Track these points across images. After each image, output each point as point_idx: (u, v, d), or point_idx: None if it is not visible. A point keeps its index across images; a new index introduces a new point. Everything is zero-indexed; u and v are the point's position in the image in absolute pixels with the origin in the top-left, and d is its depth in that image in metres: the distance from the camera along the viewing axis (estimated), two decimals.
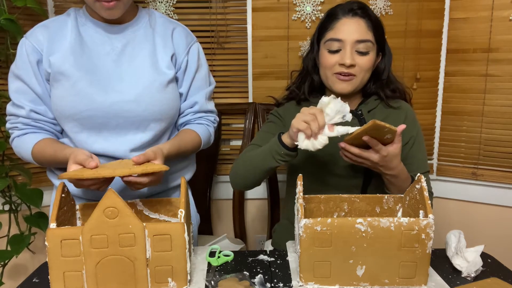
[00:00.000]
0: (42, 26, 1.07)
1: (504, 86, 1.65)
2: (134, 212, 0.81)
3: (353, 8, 1.09)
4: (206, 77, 1.20)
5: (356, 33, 1.08)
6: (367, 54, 1.09)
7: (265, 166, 1.07)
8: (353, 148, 0.96)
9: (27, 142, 1.06)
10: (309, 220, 0.82)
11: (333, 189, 1.11)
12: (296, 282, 0.88)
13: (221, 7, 1.67)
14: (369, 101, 1.18)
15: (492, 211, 1.77)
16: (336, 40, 1.09)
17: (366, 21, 1.09)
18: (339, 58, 1.09)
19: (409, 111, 1.20)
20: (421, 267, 0.84)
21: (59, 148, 1.02)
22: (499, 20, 1.61)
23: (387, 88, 1.18)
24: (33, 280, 0.91)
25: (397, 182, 1.04)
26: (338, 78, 1.10)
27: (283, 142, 1.02)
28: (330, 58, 1.10)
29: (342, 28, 1.09)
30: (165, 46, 1.11)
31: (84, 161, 0.91)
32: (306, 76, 1.23)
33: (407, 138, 1.14)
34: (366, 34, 1.08)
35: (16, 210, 1.53)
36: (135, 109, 1.04)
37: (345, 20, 1.09)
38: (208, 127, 1.21)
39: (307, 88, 1.21)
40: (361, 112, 1.16)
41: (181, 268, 0.83)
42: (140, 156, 0.92)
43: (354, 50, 1.08)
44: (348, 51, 1.08)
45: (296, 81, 1.26)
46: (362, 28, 1.08)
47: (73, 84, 1.02)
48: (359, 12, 1.09)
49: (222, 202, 1.86)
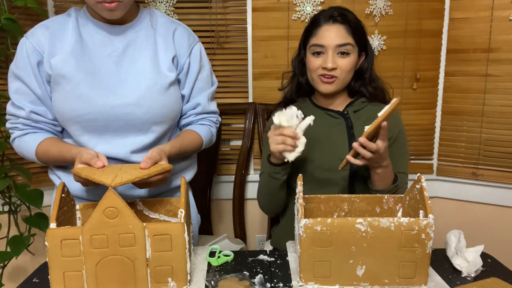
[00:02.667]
0: (42, 26, 1.06)
1: (504, 86, 1.65)
2: (134, 212, 0.81)
3: (333, 15, 1.16)
4: (208, 78, 1.20)
5: (336, 38, 1.15)
6: (348, 55, 1.16)
7: (275, 188, 1.17)
8: (372, 144, 0.99)
9: (30, 141, 1.06)
10: (309, 220, 0.82)
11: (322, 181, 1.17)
12: (296, 282, 0.88)
13: (221, 7, 1.67)
14: (356, 103, 1.24)
15: (492, 211, 1.77)
16: (319, 46, 1.16)
17: (346, 26, 1.16)
18: (322, 62, 1.16)
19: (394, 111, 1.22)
20: (421, 267, 0.84)
21: (65, 147, 1.03)
22: (499, 20, 1.61)
23: (370, 85, 1.24)
24: (33, 280, 0.91)
25: (387, 174, 1.08)
26: (321, 80, 1.18)
27: (274, 163, 1.11)
28: (314, 62, 1.18)
29: (323, 34, 1.16)
30: (167, 48, 1.10)
31: (90, 160, 0.92)
32: (294, 77, 1.30)
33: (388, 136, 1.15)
34: (346, 38, 1.15)
35: (15, 211, 1.53)
36: (136, 112, 1.04)
37: (326, 26, 1.16)
38: (210, 128, 1.21)
39: (294, 89, 1.30)
40: (347, 112, 1.23)
41: (181, 268, 0.83)
42: (147, 161, 0.93)
43: (336, 53, 1.16)
44: (329, 56, 1.15)
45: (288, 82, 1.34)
46: (342, 33, 1.15)
47: (74, 87, 1.01)
48: (339, 19, 1.16)
49: (222, 202, 1.86)
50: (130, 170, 0.91)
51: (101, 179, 0.85)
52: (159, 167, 0.94)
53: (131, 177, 0.87)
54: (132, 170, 0.92)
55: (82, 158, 0.93)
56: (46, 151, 1.04)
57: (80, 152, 0.95)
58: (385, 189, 1.09)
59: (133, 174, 0.88)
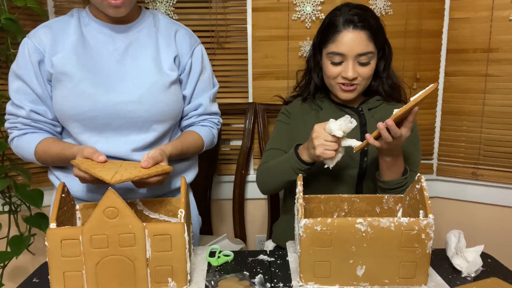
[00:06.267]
0: (45, 27, 1.06)
1: (504, 86, 1.65)
2: (134, 212, 0.81)
3: (353, 20, 1.10)
4: (210, 79, 1.20)
5: (357, 47, 1.09)
6: (369, 64, 1.13)
7: (289, 178, 1.10)
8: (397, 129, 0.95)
9: (28, 141, 1.06)
10: (309, 220, 0.82)
11: (330, 179, 1.16)
12: (296, 282, 0.88)
13: (221, 7, 1.67)
14: (371, 101, 1.22)
15: (492, 211, 1.77)
16: (338, 54, 1.11)
17: (367, 32, 1.10)
18: (342, 70, 1.12)
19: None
20: (421, 267, 0.84)
21: (66, 146, 1.03)
22: (499, 20, 1.61)
23: (386, 84, 1.21)
24: (33, 280, 0.91)
25: (396, 163, 1.05)
26: (341, 88, 1.15)
27: (303, 159, 1.05)
28: (333, 69, 1.14)
29: (343, 41, 1.10)
30: (168, 47, 1.11)
31: (91, 155, 0.92)
32: (311, 77, 1.26)
33: None
34: (367, 46, 1.10)
35: (15, 211, 1.53)
36: (138, 109, 1.04)
37: (346, 32, 1.10)
38: (212, 129, 1.21)
39: (312, 89, 1.25)
40: (361, 109, 1.20)
41: (181, 268, 0.83)
42: (149, 160, 0.93)
43: (356, 61, 1.11)
44: (350, 65, 1.11)
45: (302, 81, 1.30)
46: (363, 41, 1.10)
47: (75, 85, 1.02)
48: (359, 25, 1.09)
49: (222, 202, 1.86)
50: (130, 168, 0.91)
51: (101, 174, 0.85)
52: (160, 168, 0.94)
53: (131, 175, 0.87)
54: (132, 168, 0.92)
55: (84, 153, 0.94)
56: (46, 150, 1.04)
57: (82, 148, 0.96)
58: (393, 180, 1.06)
59: (133, 172, 0.88)
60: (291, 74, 1.68)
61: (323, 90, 1.26)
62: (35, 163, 1.11)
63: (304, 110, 1.25)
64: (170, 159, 1.02)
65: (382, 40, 1.16)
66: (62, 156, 1.02)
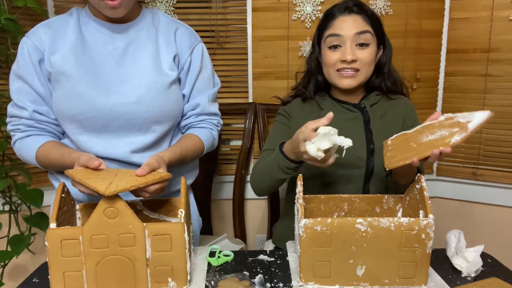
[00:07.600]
0: (44, 25, 1.06)
1: (504, 86, 1.65)
2: (134, 212, 0.81)
3: (348, 6, 1.12)
4: (209, 79, 1.18)
5: (354, 27, 1.10)
6: (368, 46, 1.11)
7: (278, 177, 1.07)
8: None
9: (30, 145, 1.04)
10: (309, 220, 0.82)
11: (336, 179, 1.14)
12: (296, 282, 0.88)
13: (221, 7, 1.67)
14: (371, 96, 1.21)
15: (492, 211, 1.77)
16: (335, 35, 1.11)
17: (363, 16, 1.12)
18: (340, 55, 1.11)
19: (409, 104, 1.23)
20: (421, 267, 0.84)
21: (66, 151, 1.00)
22: (499, 20, 1.61)
23: (388, 80, 1.20)
24: (33, 280, 0.91)
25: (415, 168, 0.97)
26: (341, 75, 1.13)
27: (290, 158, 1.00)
28: (332, 56, 1.12)
29: (340, 25, 1.11)
30: (168, 47, 1.10)
31: (87, 162, 0.89)
32: (311, 76, 1.25)
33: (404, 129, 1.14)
34: (364, 26, 1.11)
35: (16, 210, 1.53)
36: (137, 111, 1.03)
37: (342, 18, 1.12)
38: (212, 131, 1.19)
39: (312, 88, 1.24)
40: (364, 105, 1.19)
41: (181, 268, 0.83)
42: (144, 168, 0.89)
43: (354, 44, 1.10)
44: (348, 46, 1.10)
45: (301, 82, 1.29)
46: (360, 22, 1.11)
47: (74, 85, 1.01)
48: (355, 9, 1.11)
49: (222, 202, 1.86)
50: (126, 177, 0.87)
51: (95, 185, 0.80)
52: (157, 175, 0.90)
53: (127, 185, 0.82)
54: (128, 177, 0.87)
55: (80, 161, 0.90)
56: (47, 155, 1.02)
57: (79, 156, 0.92)
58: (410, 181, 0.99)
59: (129, 182, 0.84)
60: (291, 74, 1.68)
61: (324, 89, 1.25)
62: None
63: (304, 111, 1.24)
64: (170, 166, 0.99)
65: (381, 30, 1.16)
66: (62, 163, 0.99)
